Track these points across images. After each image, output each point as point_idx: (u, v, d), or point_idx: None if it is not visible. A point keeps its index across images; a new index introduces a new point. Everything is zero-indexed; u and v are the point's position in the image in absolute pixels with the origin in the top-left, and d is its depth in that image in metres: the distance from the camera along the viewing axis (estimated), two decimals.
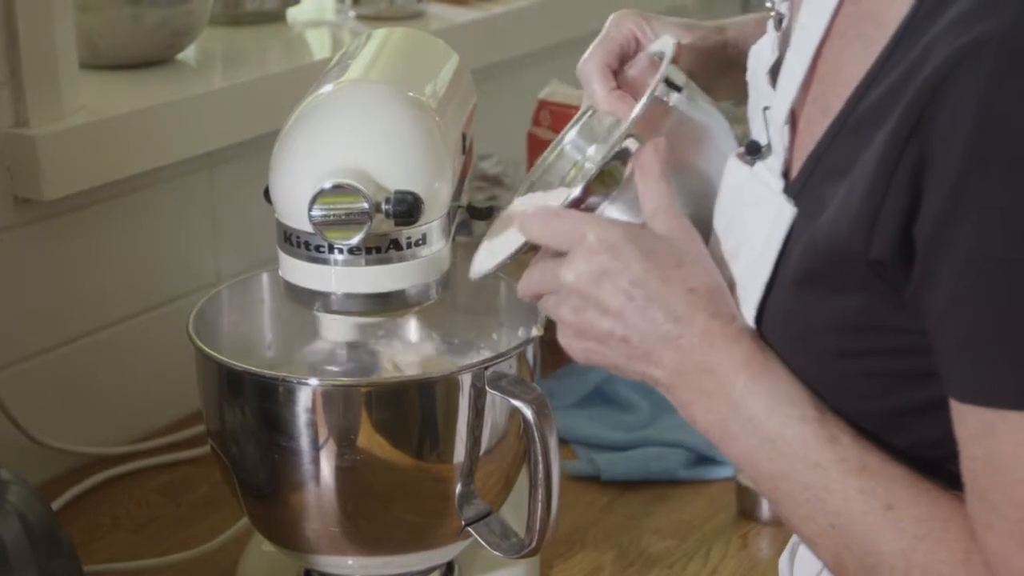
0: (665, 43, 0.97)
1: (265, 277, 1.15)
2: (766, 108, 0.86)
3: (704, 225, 0.89)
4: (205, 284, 1.38)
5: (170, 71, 1.41)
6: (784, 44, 0.86)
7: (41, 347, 1.30)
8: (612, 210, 0.88)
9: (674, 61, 0.94)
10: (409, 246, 0.98)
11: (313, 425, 1.00)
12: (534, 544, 1.00)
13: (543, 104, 1.55)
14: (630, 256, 0.83)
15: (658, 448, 1.30)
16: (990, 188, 0.68)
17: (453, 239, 1.06)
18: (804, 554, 0.95)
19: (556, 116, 1.53)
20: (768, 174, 0.84)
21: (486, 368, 1.01)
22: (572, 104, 1.51)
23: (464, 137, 1.09)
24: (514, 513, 1.09)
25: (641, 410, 1.37)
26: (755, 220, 0.84)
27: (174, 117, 1.32)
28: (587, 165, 0.99)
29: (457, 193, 1.05)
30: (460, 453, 1.02)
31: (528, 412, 0.98)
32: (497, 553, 1.03)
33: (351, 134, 0.96)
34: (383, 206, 0.94)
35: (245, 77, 1.42)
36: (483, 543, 1.04)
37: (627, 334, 0.84)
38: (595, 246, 0.84)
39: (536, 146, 1.54)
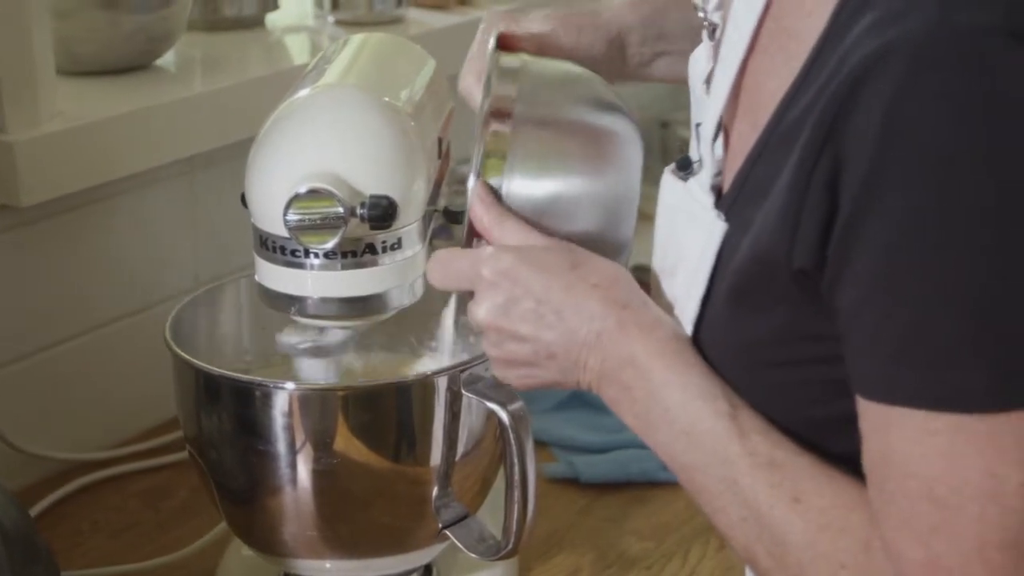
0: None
1: (242, 282, 1.15)
2: (698, 124, 0.86)
3: (613, 236, 0.88)
4: (184, 289, 1.38)
5: (148, 77, 1.41)
6: (717, 54, 0.87)
7: (19, 353, 1.30)
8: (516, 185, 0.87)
9: (504, 47, 0.94)
10: (385, 250, 0.98)
11: (290, 429, 1.00)
12: (510, 546, 1.01)
13: None
14: (527, 276, 0.85)
15: (637, 450, 1.30)
16: (896, 190, 0.69)
17: (430, 243, 1.07)
18: None
19: None
20: (699, 190, 0.85)
21: (462, 371, 1.01)
22: None
23: (440, 142, 1.10)
24: (492, 516, 1.09)
25: None
26: (690, 237, 0.85)
27: (152, 122, 1.32)
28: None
29: (433, 197, 1.06)
30: (437, 456, 1.02)
31: (504, 415, 0.98)
32: (474, 555, 1.04)
33: (326, 138, 0.97)
34: (358, 210, 0.94)
35: (224, 82, 1.42)
36: (460, 546, 1.04)
37: (551, 350, 0.85)
38: (492, 278, 0.85)
39: None
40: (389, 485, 1.03)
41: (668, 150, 2.09)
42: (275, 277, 0.99)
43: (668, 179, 0.89)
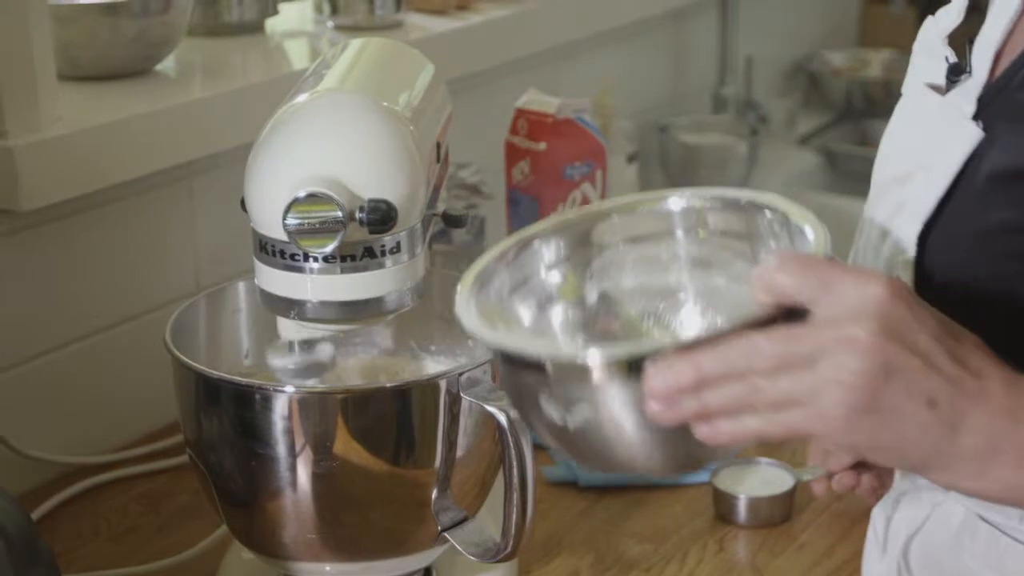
0: None
1: (242, 286, 1.15)
2: (971, 39, 0.90)
3: None
4: (185, 294, 1.39)
5: (149, 82, 1.42)
6: (971, 11, 0.92)
7: (21, 357, 1.30)
8: None
9: None
10: (384, 254, 0.98)
11: (290, 432, 1.01)
12: (509, 548, 1.01)
13: (520, 113, 1.56)
14: (921, 309, 0.72)
15: None
16: None
17: (430, 246, 1.07)
18: (906, 506, 0.94)
19: (533, 125, 1.54)
20: (962, 99, 0.88)
21: (461, 374, 1.01)
22: (549, 113, 1.52)
23: (439, 146, 1.10)
24: (491, 518, 1.10)
25: None
26: (937, 143, 0.87)
27: (152, 127, 1.33)
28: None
29: (432, 201, 1.06)
30: (436, 459, 1.03)
31: (502, 417, 0.99)
32: (473, 558, 1.04)
33: (326, 143, 0.97)
34: (357, 214, 0.95)
35: (224, 87, 1.42)
36: (459, 548, 1.04)
37: (933, 395, 0.70)
38: (887, 294, 0.70)
39: (513, 155, 1.55)
40: (388, 488, 1.03)
41: (666, 153, 2.09)
42: (275, 281, 1.00)
43: (923, 91, 0.91)
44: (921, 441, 0.71)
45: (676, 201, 0.85)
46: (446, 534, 1.05)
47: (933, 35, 0.95)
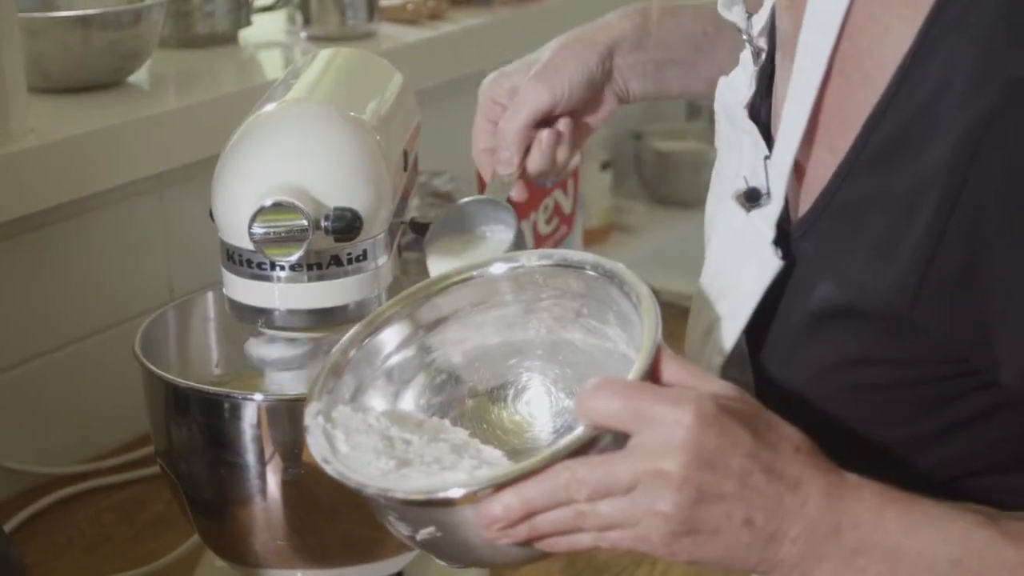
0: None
1: (211, 295, 1.16)
2: (767, 157, 0.83)
3: None
4: (157, 304, 1.39)
5: (121, 93, 1.43)
6: (762, 79, 0.87)
7: None
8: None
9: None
10: (350, 262, 0.99)
11: (259, 440, 1.01)
12: None
13: None
14: (735, 427, 0.73)
15: None
16: None
17: (400, 254, 1.08)
18: None
19: None
20: (763, 223, 0.82)
21: None
22: None
23: (406, 154, 1.11)
24: None
25: None
26: (744, 267, 0.82)
27: (124, 138, 1.33)
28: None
29: (400, 209, 1.07)
30: None
31: None
32: (442, 562, 1.04)
33: (291, 152, 0.98)
34: (322, 223, 0.95)
35: (197, 98, 1.43)
36: (428, 552, 1.05)
37: (749, 514, 0.73)
38: (696, 424, 0.72)
39: None
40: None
41: (640, 160, 2.10)
42: (242, 290, 1.00)
43: (730, 206, 0.85)
44: (743, 555, 0.74)
45: (503, 265, 0.89)
46: None
47: (732, 101, 0.88)
